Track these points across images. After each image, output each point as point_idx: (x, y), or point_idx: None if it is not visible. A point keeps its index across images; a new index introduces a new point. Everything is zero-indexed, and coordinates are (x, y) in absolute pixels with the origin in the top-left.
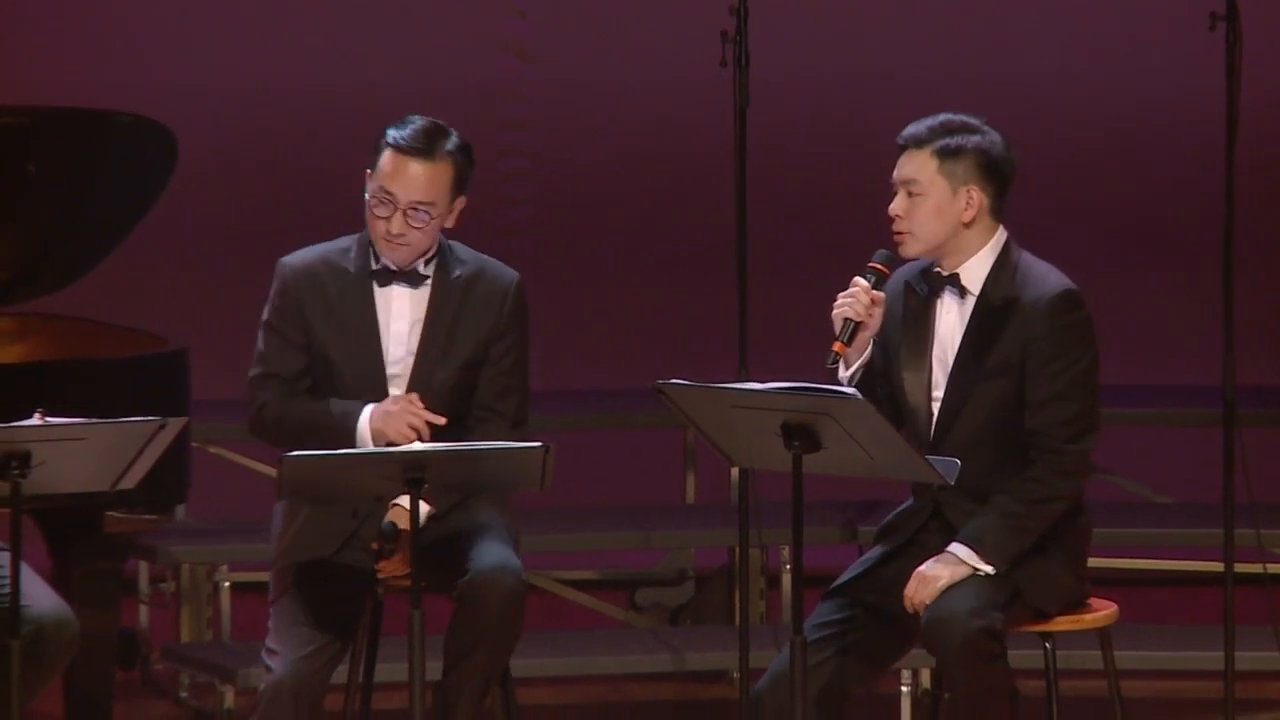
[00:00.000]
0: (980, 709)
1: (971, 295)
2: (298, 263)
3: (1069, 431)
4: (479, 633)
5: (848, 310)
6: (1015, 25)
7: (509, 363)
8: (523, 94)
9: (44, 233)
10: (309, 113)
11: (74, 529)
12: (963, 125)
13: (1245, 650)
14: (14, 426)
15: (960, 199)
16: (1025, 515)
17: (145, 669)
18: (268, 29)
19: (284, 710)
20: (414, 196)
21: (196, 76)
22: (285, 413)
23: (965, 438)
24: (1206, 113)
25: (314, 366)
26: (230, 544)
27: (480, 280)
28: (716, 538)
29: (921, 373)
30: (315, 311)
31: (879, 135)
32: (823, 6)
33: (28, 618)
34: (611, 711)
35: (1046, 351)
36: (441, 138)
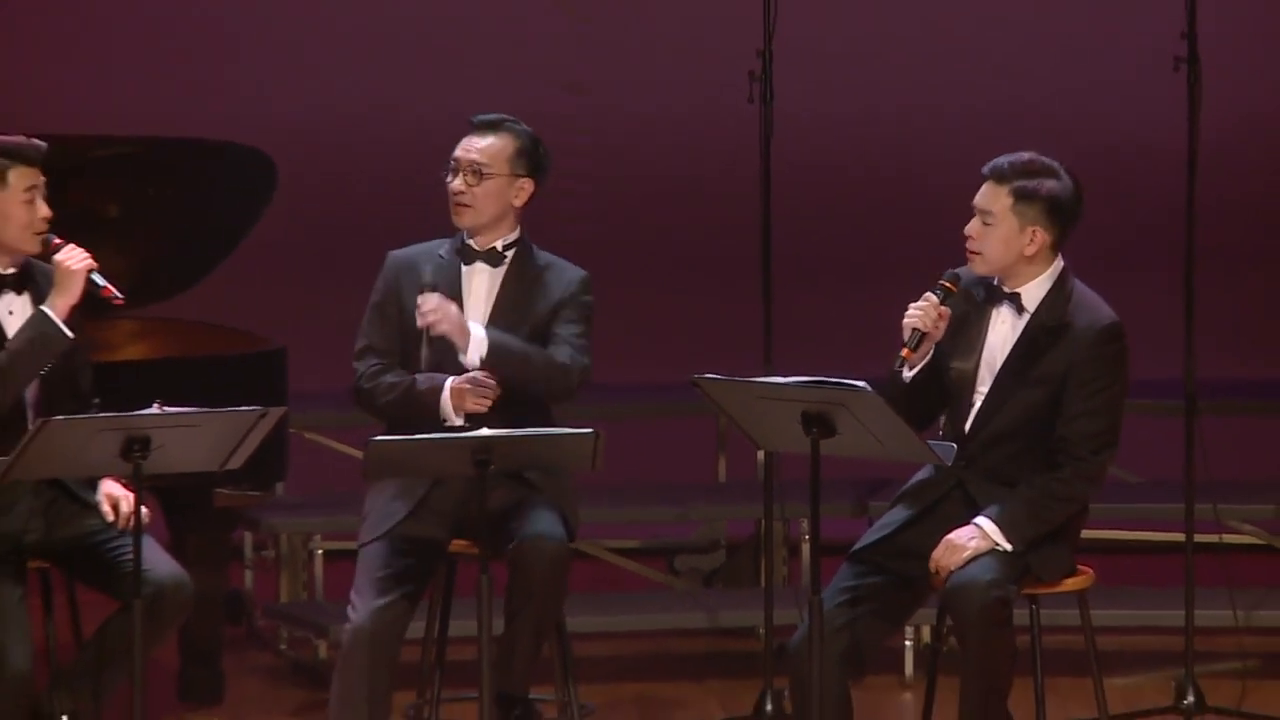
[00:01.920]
0: (989, 665)
1: (1027, 313)
2: (400, 253)
3: (1095, 444)
4: (528, 592)
5: (916, 321)
6: (1007, 66)
7: (574, 316)
8: (575, 123)
9: (161, 246)
10: (389, 137)
11: (188, 503)
12: (1042, 168)
13: (1203, 609)
14: (135, 415)
15: (1026, 235)
16: (1048, 508)
17: (250, 625)
18: (350, 63)
19: (361, 652)
20: (471, 158)
21: (294, 107)
22: (376, 387)
23: (998, 430)
24: (1171, 141)
25: (407, 341)
26: (322, 516)
27: (551, 270)
28: (744, 511)
29: (968, 368)
30: (409, 291)
31: (885, 162)
32: (836, 52)
33: (149, 580)
34: (653, 663)
35: (1087, 373)
36: (505, 120)
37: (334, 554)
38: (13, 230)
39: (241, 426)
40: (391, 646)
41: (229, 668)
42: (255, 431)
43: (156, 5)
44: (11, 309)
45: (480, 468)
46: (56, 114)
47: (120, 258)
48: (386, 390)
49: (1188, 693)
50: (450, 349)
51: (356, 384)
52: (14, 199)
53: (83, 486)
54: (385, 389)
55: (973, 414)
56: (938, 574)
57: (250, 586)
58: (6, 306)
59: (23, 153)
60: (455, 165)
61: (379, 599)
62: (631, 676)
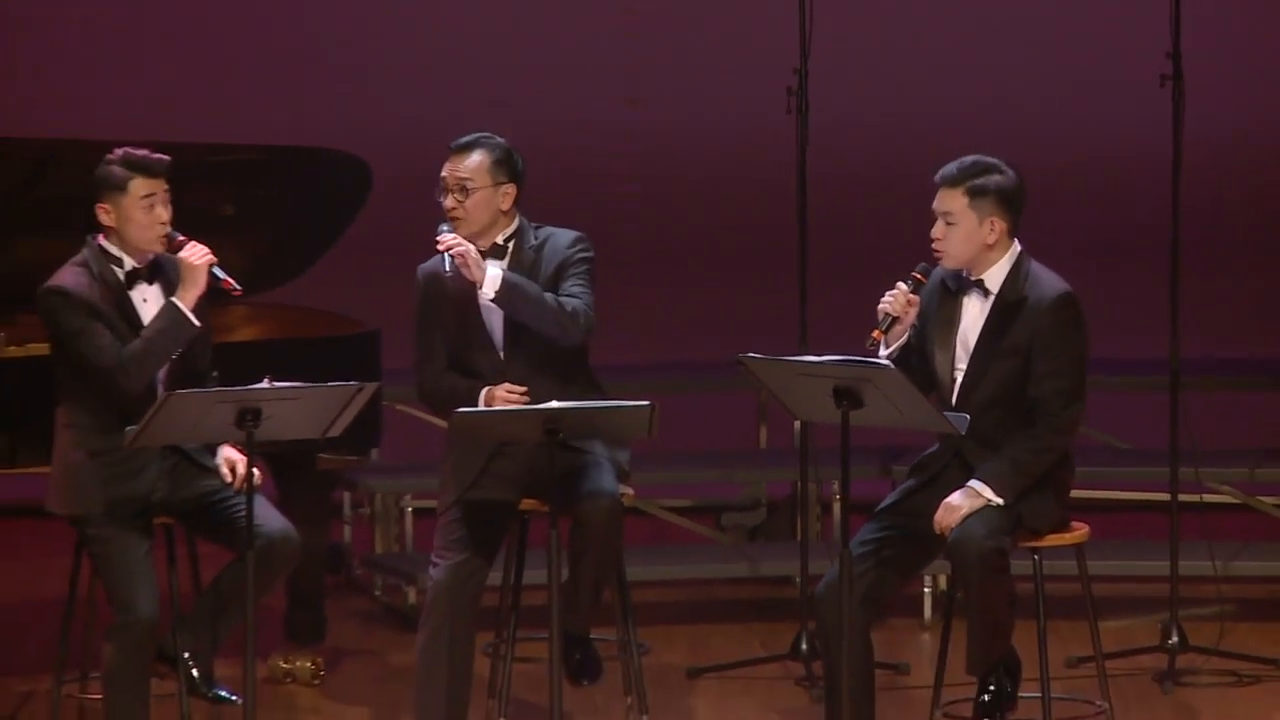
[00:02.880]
0: (989, 609)
1: (992, 294)
2: (426, 266)
3: (1063, 400)
4: (587, 544)
5: (888, 306)
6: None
7: (574, 272)
8: (631, 132)
9: (271, 241)
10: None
11: (294, 467)
12: (987, 167)
13: (1186, 561)
14: (248, 389)
15: (985, 227)
16: (1028, 461)
17: (348, 574)
18: (430, 81)
19: (443, 602)
20: (457, 176)
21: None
22: (436, 388)
23: (980, 402)
24: (1158, 148)
25: (446, 342)
26: (412, 478)
27: (548, 243)
28: (783, 474)
29: (948, 352)
30: (441, 297)
31: (905, 168)
32: (864, 68)
33: (260, 534)
34: (702, 608)
35: (1048, 339)
36: (479, 138)
37: (422, 511)
38: (135, 231)
39: (341, 399)
40: (469, 597)
41: (330, 612)
42: (353, 404)
43: (267, 29)
44: (145, 297)
45: (550, 436)
46: (180, 125)
47: (236, 251)
48: (442, 393)
49: (1172, 634)
50: (476, 334)
51: (420, 389)
52: (134, 204)
53: (202, 452)
54: (441, 392)
55: (956, 390)
56: (940, 532)
57: (348, 540)
58: (141, 295)
59: (145, 165)
60: (444, 185)
61: (456, 557)
62: (683, 620)
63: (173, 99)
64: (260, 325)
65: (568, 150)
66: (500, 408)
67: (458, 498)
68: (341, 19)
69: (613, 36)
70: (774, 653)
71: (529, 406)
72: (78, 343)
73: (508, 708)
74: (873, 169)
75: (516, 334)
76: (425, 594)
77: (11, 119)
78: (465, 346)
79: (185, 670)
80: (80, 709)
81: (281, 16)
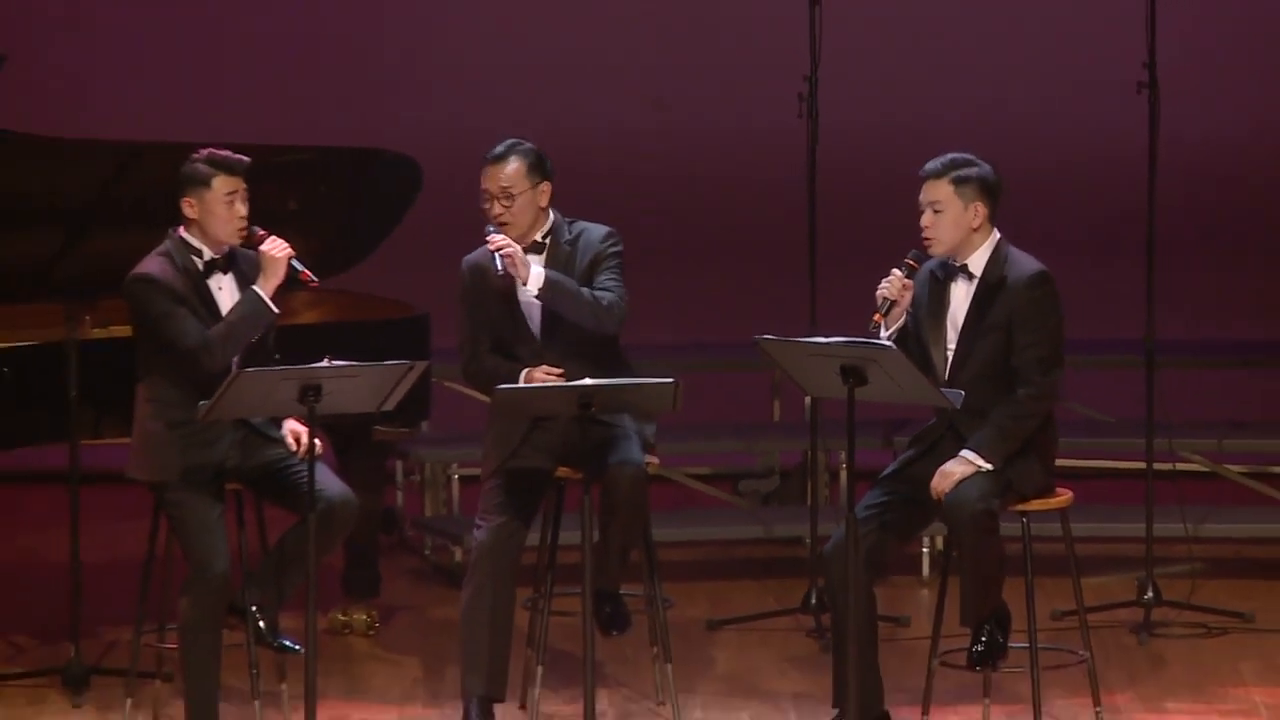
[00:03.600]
0: (981, 566)
1: (975, 278)
2: (470, 258)
3: (1042, 367)
4: (616, 508)
5: (886, 291)
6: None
7: (607, 266)
8: (657, 133)
9: (331, 233)
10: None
11: (352, 437)
12: (965, 160)
13: (1160, 523)
14: (310, 367)
15: (970, 211)
16: (1012, 427)
17: (400, 535)
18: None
19: (485, 562)
20: (499, 185)
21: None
22: (479, 369)
23: (970, 376)
24: (1137, 148)
25: (489, 327)
26: (458, 449)
27: (582, 237)
28: (795, 445)
29: (940, 333)
30: (483, 287)
31: (906, 167)
32: (869, 76)
33: (321, 498)
34: (721, 566)
35: (1026, 313)
36: (512, 145)
37: (467, 478)
38: (216, 225)
39: (394, 376)
40: (509, 556)
41: (383, 569)
42: (405, 381)
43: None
44: (221, 286)
45: (583, 411)
46: (248, 126)
47: (299, 242)
48: (484, 374)
49: (1148, 589)
50: (516, 322)
51: (464, 370)
52: (217, 200)
53: (269, 424)
54: (483, 373)
55: (947, 367)
56: (936, 497)
57: (401, 504)
58: (217, 284)
59: (228, 164)
60: (488, 195)
61: (497, 520)
62: (704, 577)
63: (244, 104)
64: (321, 309)
65: (600, 150)
66: (538, 384)
67: (499, 466)
68: (393, 34)
69: (640, 48)
70: (786, 607)
71: (564, 384)
72: (164, 326)
73: (545, 656)
74: (876, 167)
75: (553, 322)
76: (470, 553)
77: (97, 122)
78: (505, 333)
79: (253, 622)
80: (158, 657)
81: (341, 31)
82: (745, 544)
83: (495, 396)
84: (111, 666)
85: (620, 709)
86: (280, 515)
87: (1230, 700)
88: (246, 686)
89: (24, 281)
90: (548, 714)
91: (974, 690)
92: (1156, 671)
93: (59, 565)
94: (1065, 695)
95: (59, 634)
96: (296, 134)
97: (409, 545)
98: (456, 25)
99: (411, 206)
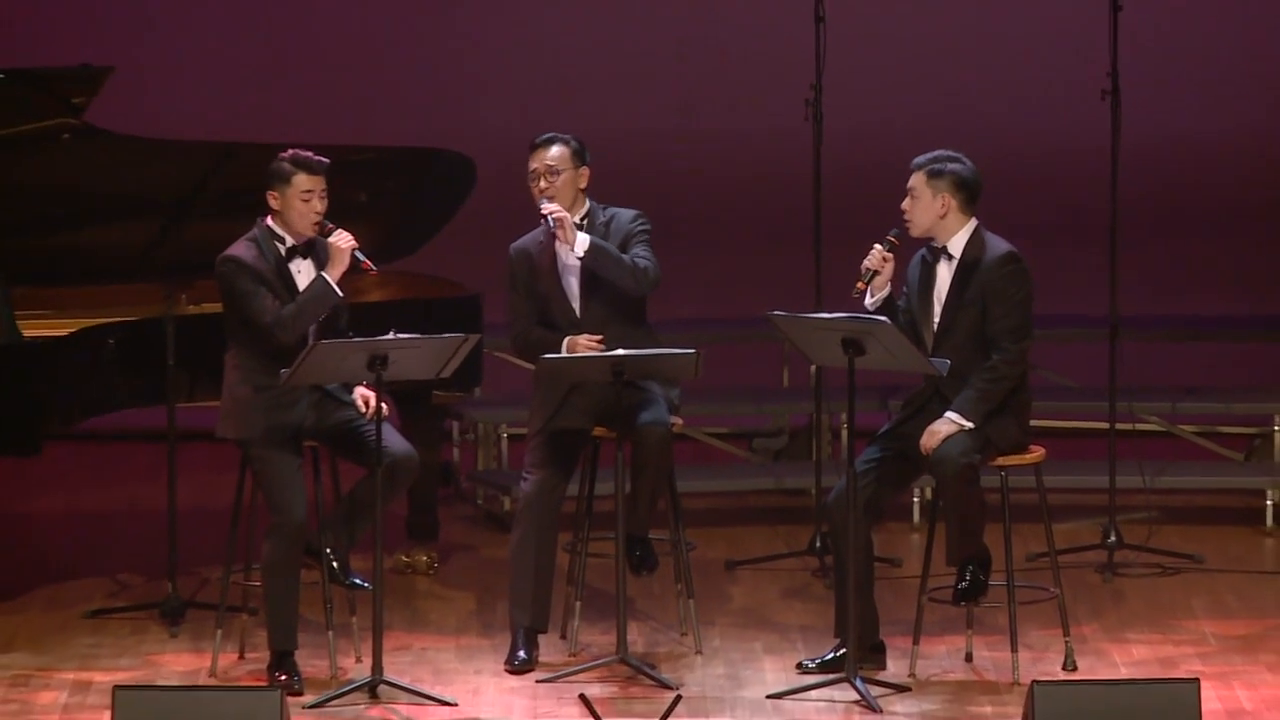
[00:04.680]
0: (963, 513)
1: (955, 258)
2: (516, 245)
3: (1014, 336)
4: (643, 462)
5: (868, 262)
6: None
7: (639, 240)
8: (682, 135)
9: (396, 222)
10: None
11: (414, 401)
12: (947, 158)
13: (1122, 476)
14: (377, 339)
15: (938, 201)
16: (989, 389)
17: (457, 486)
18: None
19: (531, 509)
20: (546, 164)
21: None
22: (526, 341)
23: (953, 345)
24: (1102, 146)
25: (534, 303)
26: (507, 410)
27: (614, 219)
28: (802, 407)
29: (928, 309)
30: (528, 269)
31: (900, 163)
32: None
33: (387, 454)
34: (737, 514)
35: (999, 288)
36: (556, 135)
37: (514, 436)
38: (294, 217)
39: (450, 347)
40: (551, 505)
41: (442, 516)
42: (460, 351)
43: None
44: (300, 269)
45: (616, 377)
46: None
47: (368, 229)
48: (531, 343)
49: (1111, 534)
50: (557, 297)
51: (512, 341)
52: (295, 196)
53: (341, 389)
54: (530, 343)
55: (932, 338)
56: (925, 453)
57: (457, 459)
58: (297, 267)
59: (308, 164)
60: (536, 172)
61: (541, 473)
62: (722, 523)
63: (323, 109)
64: (387, 289)
65: (632, 149)
66: (578, 354)
67: (542, 426)
68: (452, 49)
69: (666, 60)
70: (794, 549)
71: (600, 354)
72: (245, 303)
73: (582, 592)
74: (872, 164)
75: (589, 296)
76: (517, 502)
77: (192, 123)
78: (548, 306)
79: (327, 562)
80: (244, 593)
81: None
82: (758, 494)
83: (539, 365)
84: (203, 601)
85: (649, 639)
86: (351, 469)
87: (1183, 631)
88: (321, 619)
89: (129, 265)
90: (585, 643)
91: (958, 622)
92: (1118, 606)
93: (158, 513)
94: (1039, 627)
95: (158, 573)
96: (367, 135)
97: (464, 495)
98: (507, 42)
99: (467, 200)
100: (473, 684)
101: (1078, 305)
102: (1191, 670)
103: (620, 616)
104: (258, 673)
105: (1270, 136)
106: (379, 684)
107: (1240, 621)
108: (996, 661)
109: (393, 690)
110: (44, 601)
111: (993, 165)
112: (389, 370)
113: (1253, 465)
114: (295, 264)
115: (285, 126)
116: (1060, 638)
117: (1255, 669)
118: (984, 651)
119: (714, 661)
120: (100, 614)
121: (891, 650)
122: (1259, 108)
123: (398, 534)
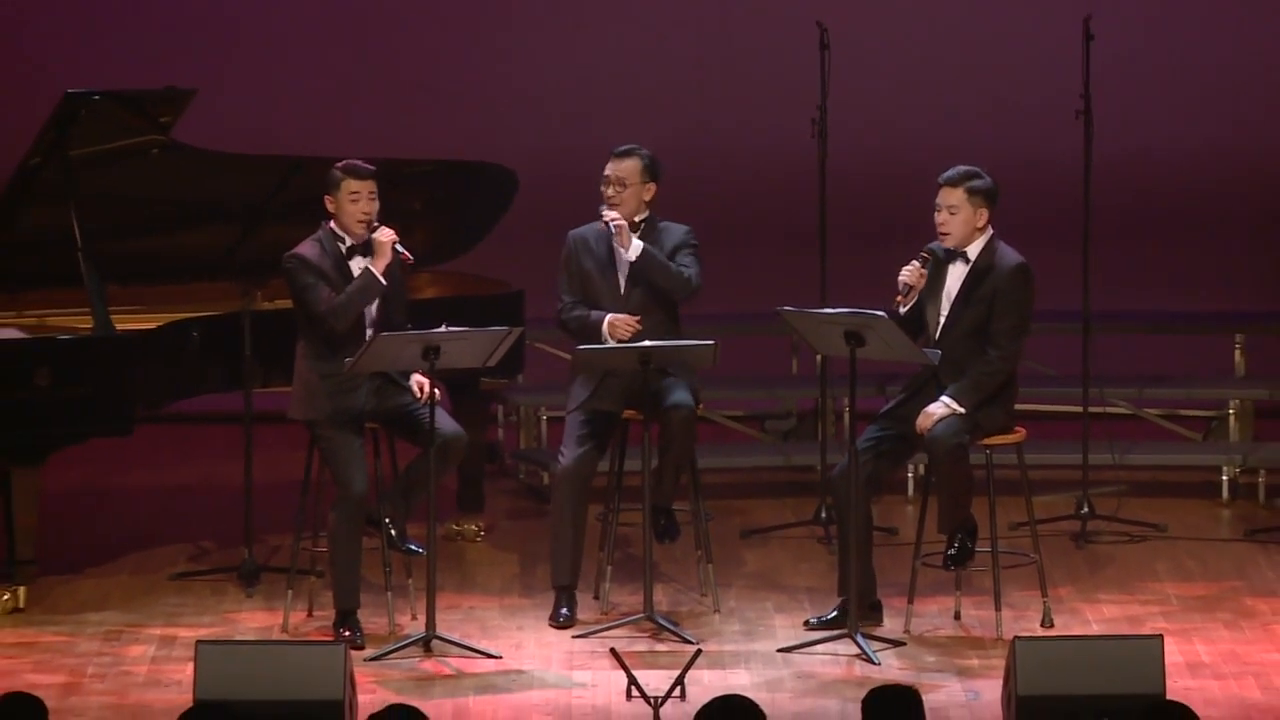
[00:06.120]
0: (953, 487)
1: (970, 261)
2: (575, 232)
3: (1011, 334)
4: (669, 442)
5: (906, 278)
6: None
7: (687, 253)
8: (703, 149)
9: (448, 226)
10: (579, 157)
11: (464, 387)
12: (975, 173)
13: (1094, 454)
14: (431, 332)
15: (978, 214)
16: (984, 381)
17: (501, 463)
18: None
19: (565, 486)
20: (616, 174)
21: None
22: (570, 319)
23: (956, 338)
24: (1076, 158)
25: (585, 290)
26: (546, 396)
27: (665, 231)
28: (808, 393)
29: (937, 302)
30: (584, 258)
31: (899, 175)
32: (869, 103)
33: (439, 434)
34: (751, 488)
35: (1005, 293)
36: (634, 149)
37: (553, 418)
38: (345, 218)
39: (495, 339)
40: (586, 479)
41: (488, 490)
42: (505, 343)
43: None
44: (359, 266)
45: (644, 365)
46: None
47: (423, 233)
48: (575, 322)
49: (1084, 506)
50: (606, 282)
51: (558, 317)
52: (344, 198)
53: (399, 376)
54: (574, 321)
55: (939, 329)
56: (920, 433)
57: (501, 438)
58: (356, 265)
59: (354, 170)
60: (608, 180)
61: (577, 449)
62: (738, 496)
63: (380, 125)
64: (440, 287)
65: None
66: (609, 345)
67: (578, 408)
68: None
69: (686, 84)
70: (802, 519)
71: (628, 345)
72: (304, 295)
73: (613, 557)
74: (873, 177)
75: (633, 286)
76: (555, 477)
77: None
78: (597, 290)
79: (386, 531)
80: (311, 558)
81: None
82: (770, 470)
83: (576, 355)
84: (276, 565)
85: (672, 599)
86: (407, 448)
87: (1148, 593)
88: (381, 581)
89: (210, 265)
90: (615, 603)
91: (948, 584)
92: (1091, 570)
93: (235, 487)
94: (1020, 589)
95: (235, 540)
96: (422, 150)
97: (508, 471)
98: (544, 70)
99: (510, 207)
100: (515, 639)
101: (1054, 301)
102: (1156, 627)
103: (646, 579)
104: (324, 629)
105: (1226, 152)
106: (432, 639)
107: (1199, 584)
108: (982, 619)
109: (444, 644)
110: (133, 565)
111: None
112: (441, 359)
113: (1210, 444)
114: (355, 261)
115: (350, 144)
116: (1039, 598)
117: (1213, 626)
118: (971, 610)
119: (730, 619)
120: (184, 576)
121: (888, 609)
122: (1218, 126)
123: (448, 505)
